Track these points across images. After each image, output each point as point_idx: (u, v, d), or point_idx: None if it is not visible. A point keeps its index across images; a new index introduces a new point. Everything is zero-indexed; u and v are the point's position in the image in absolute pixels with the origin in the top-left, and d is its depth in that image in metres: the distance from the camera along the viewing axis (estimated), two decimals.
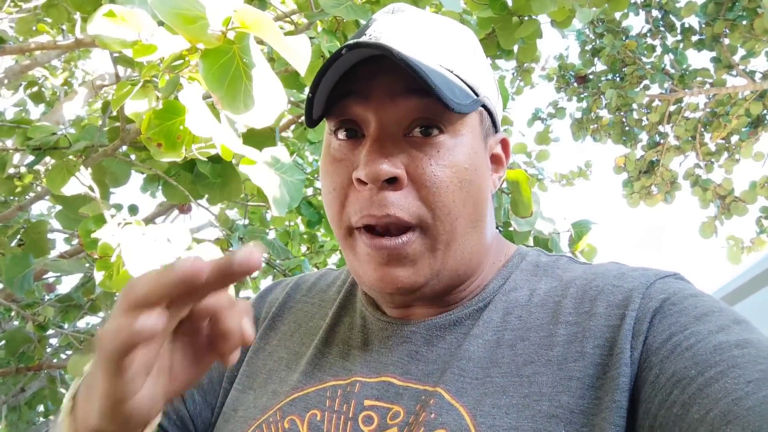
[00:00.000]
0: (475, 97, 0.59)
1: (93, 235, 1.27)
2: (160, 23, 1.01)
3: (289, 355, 0.66)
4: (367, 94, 0.56)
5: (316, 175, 3.48)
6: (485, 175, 0.61)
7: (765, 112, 5.98)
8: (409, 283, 0.57)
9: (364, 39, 0.58)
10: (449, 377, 0.55)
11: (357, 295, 0.70)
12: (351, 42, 0.54)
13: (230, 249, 2.15)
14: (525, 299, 0.60)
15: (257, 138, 1.66)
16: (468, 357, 0.56)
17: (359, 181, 0.56)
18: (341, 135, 0.59)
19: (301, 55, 0.88)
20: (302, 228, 3.95)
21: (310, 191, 3.31)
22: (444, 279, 0.59)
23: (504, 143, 0.66)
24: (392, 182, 0.55)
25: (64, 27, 2.86)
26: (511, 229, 1.79)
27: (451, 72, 0.57)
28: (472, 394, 0.53)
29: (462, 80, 0.58)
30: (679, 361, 0.47)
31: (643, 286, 0.55)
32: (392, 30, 0.58)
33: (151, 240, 1.12)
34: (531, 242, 1.95)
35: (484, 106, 0.61)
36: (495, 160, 0.65)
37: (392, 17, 0.61)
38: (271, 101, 0.94)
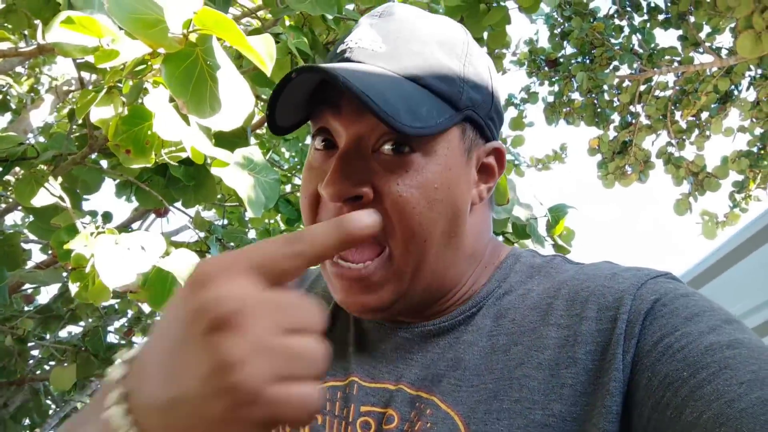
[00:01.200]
0: (453, 111, 0.56)
1: (66, 246, 1.25)
2: (122, 27, 0.99)
3: None
4: (339, 106, 0.55)
5: (293, 172, 3.47)
6: (461, 190, 0.58)
7: (732, 87, 6.08)
8: (376, 305, 0.57)
9: (340, 49, 0.58)
10: (445, 387, 0.55)
11: None
12: (302, 66, 0.53)
13: (208, 252, 2.13)
14: (518, 301, 0.59)
15: (229, 138, 1.64)
16: (464, 366, 0.55)
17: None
18: (318, 143, 0.59)
19: (265, 55, 0.87)
20: (282, 226, 3.92)
21: (288, 188, 3.29)
22: (415, 298, 0.59)
23: (498, 153, 0.63)
24: (357, 199, 0.54)
25: (26, 33, 2.79)
26: None
27: (424, 87, 0.55)
28: (467, 401, 0.53)
29: (437, 93, 0.55)
30: (671, 363, 0.46)
31: (634, 287, 0.54)
32: (367, 41, 0.57)
33: (124, 249, 1.11)
34: (509, 228, 1.96)
35: (470, 119, 0.58)
36: (484, 169, 0.62)
37: (377, 21, 0.59)
38: (238, 102, 0.93)
